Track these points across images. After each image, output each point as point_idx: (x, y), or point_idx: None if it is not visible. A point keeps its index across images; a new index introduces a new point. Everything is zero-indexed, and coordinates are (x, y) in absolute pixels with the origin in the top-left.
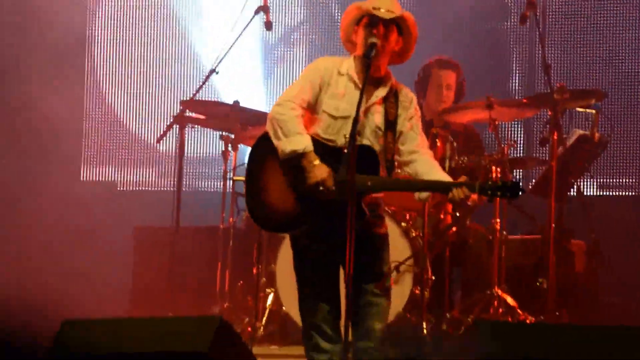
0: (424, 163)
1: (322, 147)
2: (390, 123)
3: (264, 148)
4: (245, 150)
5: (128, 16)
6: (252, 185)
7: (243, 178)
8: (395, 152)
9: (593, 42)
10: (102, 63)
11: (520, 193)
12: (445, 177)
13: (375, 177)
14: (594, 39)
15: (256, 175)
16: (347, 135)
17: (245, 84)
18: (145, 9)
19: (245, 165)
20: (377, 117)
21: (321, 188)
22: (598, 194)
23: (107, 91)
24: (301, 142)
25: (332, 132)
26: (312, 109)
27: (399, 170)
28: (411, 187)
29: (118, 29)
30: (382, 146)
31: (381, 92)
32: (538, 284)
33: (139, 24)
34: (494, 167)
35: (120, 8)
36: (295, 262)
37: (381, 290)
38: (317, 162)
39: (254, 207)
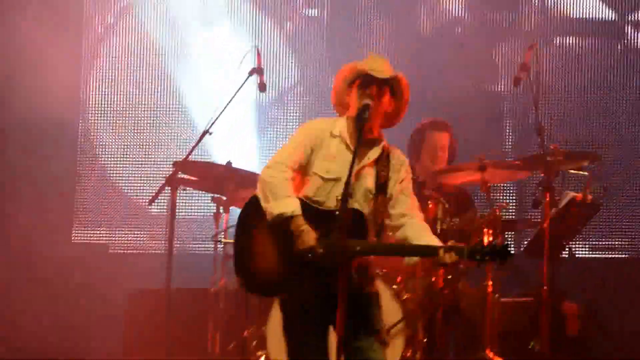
0: (414, 227)
1: (312, 210)
2: (381, 186)
3: (253, 210)
4: (237, 212)
5: (122, 77)
6: (240, 248)
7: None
8: (386, 216)
9: (587, 104)
10: (95, 124)
11: (508, 257)
12: (435, 241)
13: (364, 242)
14: (588, 101)
15: (245, 238)
16: (339, 197)
17: (239, 145)
18: (139, 70)
19: (234, 227)
20: (368, 180)
21: (309, 255)
22: (591, 255)
23: (99, 152)
24: (289, 205)
25: (322, 194)
26: (303, 170)
27: (390, 234)
28: (399, 251)
29: (112, 89)
30: (372, 209)
31: (373, 154)
32: (530, 346)
33: (132, 84)
34: (485, 229)
35: (115, 69)
36: (284, 325)
37: (378, 346)
38: (304, 227)
39: (242, 270)
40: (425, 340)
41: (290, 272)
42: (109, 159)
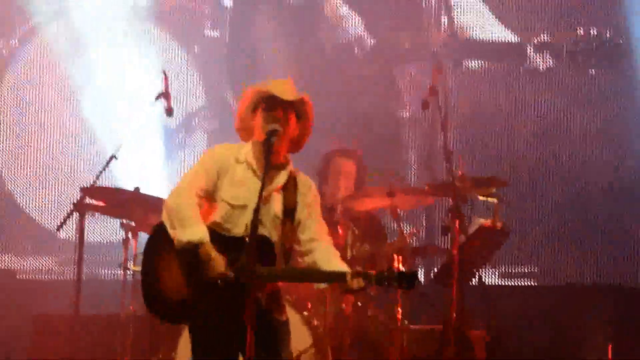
0: (322, 252)
1: (220, 237)
2: (289, 211)
3: (159, 237)
4: (146, 238)
5: (29, 101)
6: (147, 275)
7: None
8: (294, 241)
9: (494, 129)
10: (1, 148)
11: (416, 283)
12: (344, 267)
13: (271, 268)
14: (496, 126)
15: (152, 265)
16: (247, 224)
17: (146, 170)
18: (46, 93)
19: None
20: (276, 205)
21: (219, 282)
22: (499, 283)
23: (6, 177)
24: (197, 232)
25: (231, 221)
26: (210, 196)
27: (300, 259)
28: (307, 277)
29: (19, 114)
30: (280, 235)
31: (281, 180)
32: None
33: (40, 109)
34: (395, 255)
35: (21, 92)
36: (193, 351)
37: None
38: (214, 254)
39: (150, 297)
40: None
41: (198, 299)
42: (16, 184)
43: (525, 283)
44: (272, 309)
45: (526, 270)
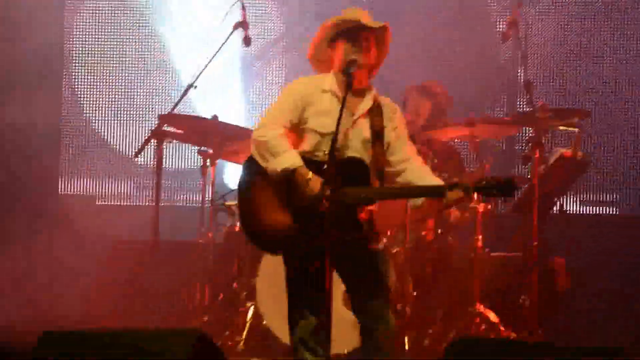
0: (415, 171)
1: (311, 164)
2: (377, 134)
3: (251, 171)
4: (224, 165)
5: (106, 31)
6: (246, 210)
7: (235, 203)
8: (385, 163)
9: (576, 61)
10: (80, 77)
11: (514, 191)
12: (439, 181)
13: (368, 188)
14: (577, 58)
15: (249, 200)
16: (338, 148)
17: (224, 98)
18: (123, 24)
19: (236, 190)
20: (364, 130)
21: (323, 201)
22: (580, 211)
23: (85, 105)
24: (290, 158)
25: (321, 148)
26: (296, 128)
27: (394, 181)
28: (405, 194)
29: (96, 43)
30: (372, 157)
31: (366, 105)
32: (520, 301)
33: (116, 38)
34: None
35: (98, 23)
36: (287, 275)
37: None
38: (310, 175)
39: (253, 231)
40: (414, 294)
41: (300, 225)
42: (95, 112)
43: (607, 211)
44: (369, 237)
45: (607, 198)
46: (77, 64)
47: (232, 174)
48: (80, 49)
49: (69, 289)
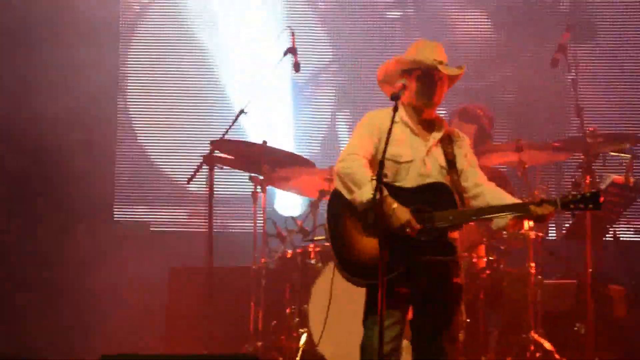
0: (492, 192)
1: (394, 190)
2: (450, 163)
3: (337, 205)
4: (274, 192)
5: (160, 58)
6: (338, 242)
7: (323, 237)
8: (461, 189)
9: (626, 86)
10: (134, 104)
11: (601, 203)
12: (517, 201)
13: (455, 211)
14: (627, 82)
15: (339, 232)
16: (416, 175)
17: (274, 124)
18: (176, 51)
19: (325, 225)
20: (439, 157)
21: (407, 230)
22: (635, 239)
23: (139, 132)
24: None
25: (401, 177)
26: (373, 160)
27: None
28: (492, 212)
29: (150, 71)
30: (451, 184)
31: (437, 135)
32: (575, 328)
33: (170, 65)
34: None
35: (153, 50)
36: (369, 298)
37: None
38: (395, 205)
39: (346, 263)
40: (468, 320)
41: (392, 254)
42: (148, 138)
43: None
44: (454, 271)
45: None
46: (131, 91)
47: (282, 200)
48: (135, 76)
49: (124, 316)
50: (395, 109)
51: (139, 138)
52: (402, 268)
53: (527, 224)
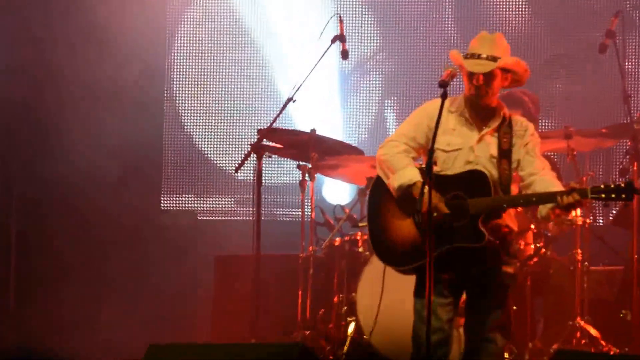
0: (542, 182)
1: (440, 179)
2: (504, 152)
3: (378, 191)
4: (323, 180)
5: (206, 46)
6: (376, 228)
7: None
8: (516, 179)
9: None
10: (181, 93)
11: (635, 194)
12: (560, 189)
13: (487, 198)
14: None
15: (378, 219)
16: (463, 163)
17: (322, 112)
18: (223, 38)
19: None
20: (491, 147)
21: (435, 214)
22: None
23: (185, 120)
24: (407, 175)
25: (448, 166)
26: (422, 148)
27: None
28: (523, 201)
29: (196, 59)
30: (498, 173)
31: (493, 123)
32: (622, 315)
33: (217, 53)
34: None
35: (199, 38)
36: (418, 287)
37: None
38: (425, 189)
39: (382, 250)
40: (515, 308)
41: (422, 242)
42: (195, 127)
43: None
44: (495, 258)
45: None
46: (177, 79)
47: (331, 188)
48: (181, 64)
49: (172, 305)
50: (444, 97)
51: (186, 127)
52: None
53: (575, 211)
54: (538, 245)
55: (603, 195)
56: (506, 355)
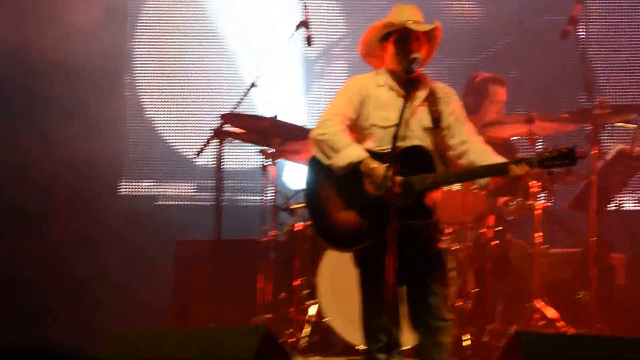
0: (477, 151)
1: (377, 157)
2: (437, 121)
3: (315, 171)
4: (284, 164)
5: (168, 31)
6: (314, 210)
7: (301, 205)
8: (447, 148)
9: (635, 57)
10: (141, 77)
11: (577, 159)
12: (502, 159)
13: (433, 174)
14: (636, 54)
15: (317, 200)
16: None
17: (285, 98)
18: (185, 23)
19: (302, 192)
20: (423, 118)
21: (389, 184)
22: (637, 208)
23: (146, 105)
24: (353, 152)
25: (386, 142)
26: (356, 125)
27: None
28: (470, 175)
29: (158, 43)
30: (434, 145)
31: (422, 94)
32: (578, 297)
33: (179, 38)
34: (533, 182)
35: (161, 23)
36: (360, 270)
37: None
38: (375, 164)
39: (324, 231)
40: (475, 290)
41: (371, 219)
42: (156, 112)
43: None
44: (434, 236)
45: None
46: (138, 64)
47: (292, 172)
48: (142, 48)
49: (131, 291)
50: (409, 79)
51: (146, 112)
52: (381, 235)
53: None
54: (498, 228)
55: (547, 163)
56: (466, 336)
